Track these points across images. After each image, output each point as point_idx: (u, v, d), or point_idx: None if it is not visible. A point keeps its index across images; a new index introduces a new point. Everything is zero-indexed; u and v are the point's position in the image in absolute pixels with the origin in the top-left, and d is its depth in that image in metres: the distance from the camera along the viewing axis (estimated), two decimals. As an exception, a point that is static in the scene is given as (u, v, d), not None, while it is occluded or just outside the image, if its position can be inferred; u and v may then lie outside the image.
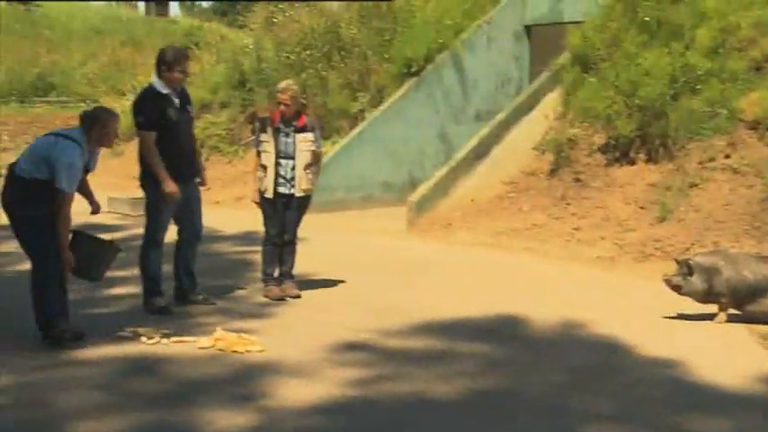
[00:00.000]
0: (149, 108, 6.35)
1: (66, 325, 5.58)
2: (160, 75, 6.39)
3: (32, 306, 5.59)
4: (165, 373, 5.04)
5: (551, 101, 11.43)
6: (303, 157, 6.84)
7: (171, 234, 6.67)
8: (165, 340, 5.61)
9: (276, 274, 7.08)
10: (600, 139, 10.42)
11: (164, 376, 4.98)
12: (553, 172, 10.50)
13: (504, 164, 11.11)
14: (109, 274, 7.72)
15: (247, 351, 5.43)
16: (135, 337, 5.66)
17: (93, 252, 5.79)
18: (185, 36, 27.03)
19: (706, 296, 6.34)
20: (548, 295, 7.23)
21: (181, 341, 5.61)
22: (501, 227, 9.89)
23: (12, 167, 5.64)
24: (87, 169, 5.74)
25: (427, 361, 5.35)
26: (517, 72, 13.88)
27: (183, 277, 6.70)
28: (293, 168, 6.83)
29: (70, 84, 25.65)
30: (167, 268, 6.74)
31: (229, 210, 12.17)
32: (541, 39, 13.62)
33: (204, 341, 5.57)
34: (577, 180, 10.18)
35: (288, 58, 14.64)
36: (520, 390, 4.87)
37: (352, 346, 5.61)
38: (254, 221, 7.37)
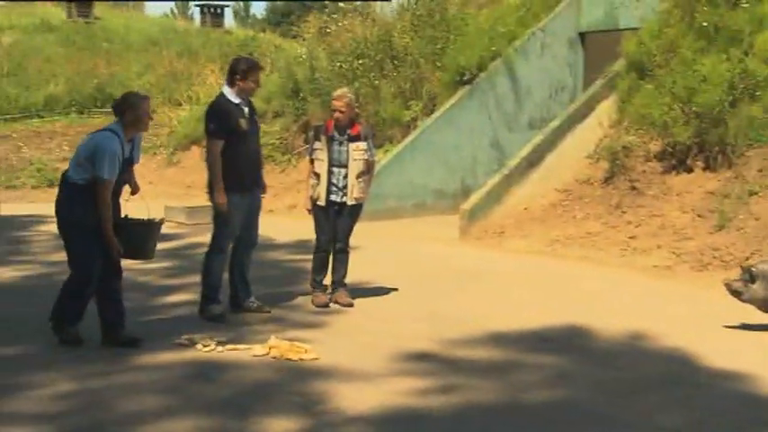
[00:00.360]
0: (221, 117, 6.41)
1: (75, 330, 5.71)
2: (232, 84, 6.46)
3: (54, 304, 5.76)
4: (220, 380, 5.08)
5: (606, 108, 11.30)
6: (356, 166, 6.85)
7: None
8: (219, 348, 5.66)
9: (325, 281, 7.11)
10: (656, 147, 10.26)
11: (219, 383, 5.02)
12: (608, 180, 10.38)
13: (558, 172, 11.01)
14: (165, 281, 7.88)
15: (301, 359, 5.46)
16: (191, 344, 5.73)
17: (141, 233, 5.89)
18: (240, 47, 27.32)
19: (767, 304, 6.20)
20: (605, 304, 7.13)
21: (235, 349, 5.66)
22: (555, 235, 9.80)
23: (63, 174, 5.79)
24: (132, 161, 5.83)
25: (482, 371, 5.31)
26: (571, 79, 13.77)
27: (239, 285, 6.75)
28: (345, 177, 6.85)
29: (128, 95, 26.10)
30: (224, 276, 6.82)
31: (283, 218, 12.25)
32: (596, 45, 13.49)
33: (258, 349, 5.61)
34: (633, 188, 10.03)
35: (341, 67, 14.72)
36: (579, 400, 4.80)
37: (406, 355, 5.59)
38: (307, 230, 7.41)
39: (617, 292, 7.66)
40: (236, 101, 6.45)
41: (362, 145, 6.90)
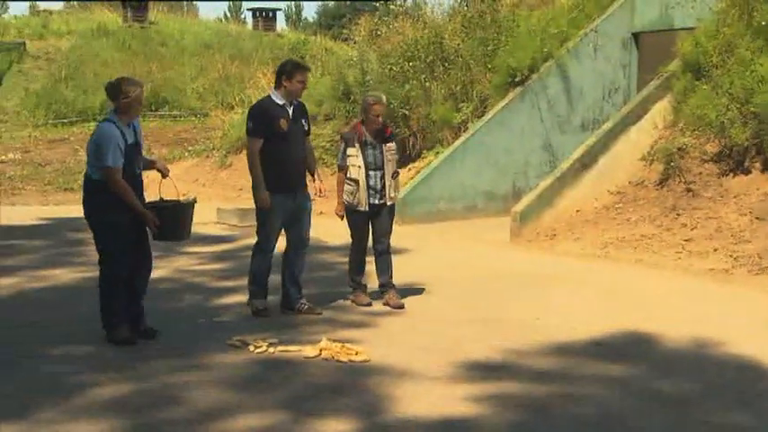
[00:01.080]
0: (260, 116, 6.54)
1: (128, 330, 5.81)
2: (279, 85, 6.57)
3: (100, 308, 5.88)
4: (271, 382, 5.12)
5: (661, 109, 11.13)
6: (390, 167, 6.99)
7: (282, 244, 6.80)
8: (271, 349, 5.70)
9: (363, 281, 7.19)
10: (712, 148, 10.08)
11: (270, 385, 5.06)
12: (663, 182, 10.22)
13: (611, 174, 10.88)
14: (218, 283, 7.97)
15: (351, 361, 5.47)
16: (243, 345, 5.78)
17: (174, 215, 6.02)
18: (291, 50, 27.55)
19: None
20: (660, 309, 7.01)
21: (287, 350, 5.69)
22: (608, 238, 9.67)
23: (84, 174, 5.98)
24: (140, 146, 5.96)
25: (536, 378, 5.25)
26: (625, 80, 13.61)
27: (289, 286, 6.82)
28: (382, 178, 6.95)
29: (182, 98, 26.51)
30: (276, 277, 6.88)
31: (333, 220, 12.29)
32: (650, 46, 13.31)
33: (309, 350, 5.63)
34: (688, 190, 9.86)
35: (391, 69, 14.73)
36: (636, 410, 4.71)
37: (457, 360, 5.56)
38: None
39: (673, 296, 7.53)
40: (281, 102, 6.56)
41: (393, 145, 7.06)
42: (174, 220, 5.98)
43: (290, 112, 6.59)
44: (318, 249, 9.39)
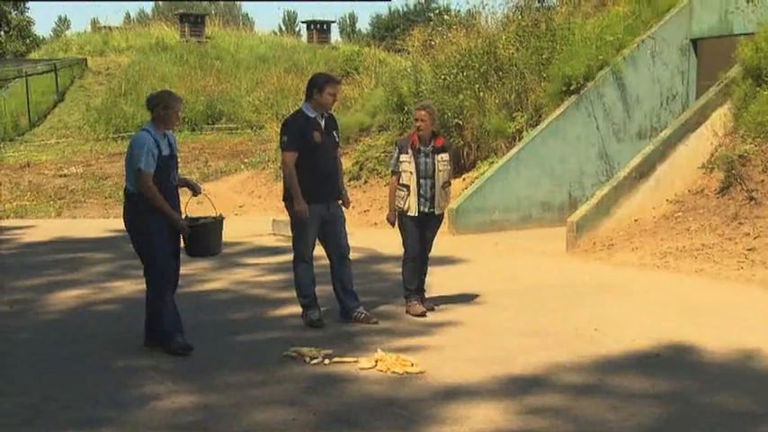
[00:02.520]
0: (294, 129, 6.63)
1: (182, 339, 5.95)
2: (310, 98, 6.66)
3: (146, 320, 6.05)
4: (327, 393, 5.13)
5: (720, 116, 10.93)
6: (441, 177, 7.03)
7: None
8: (327, 360, 5.72)
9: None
10: (775, 155, 9.85)
11: (327, 397, 5.07)
12: (723, 190, 10.02)
13: (670, 182, 10.70)
14: (274, 294, 8.03)
15: (406, 373, 5.46)
16: (298, 357, 5.81)
17: (206, 232, 6.17)
18: (345, 62, 27.75)
19: None
20: (722, 320, 6.84)
21: (342, 361, 5.71)
22: (667, 247, 9.50)
23: (124, 188, 6.10)
24: (175, 158, 6.06)
25: (590, 392, 5.18)
26: (683, 87, 13.40)
27: (342, 296, 6.89)
28: (432, 187, 7.00)
29: (237, 111, 26.88)
30: (327, 288, 6.92)
31: (387, 231, 12.32)
32: (709, 52, 13.08)
33: (365, 362, 5.64)
34: (750, 198, 9.65)
35: (445, 79, 14.72)
36: (707, 424, 4.61)
37: (512, 373, 5.51)
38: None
39: (735, 307, 7.36)
40: (312, 114, 6.65)
41: (445, 156, 7.09)
42: (206, 237, 6.16)
43: (322, 124, 6.67)
44: (372, 260, 9.42)
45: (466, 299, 7.71)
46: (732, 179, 9.96)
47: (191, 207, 6.25)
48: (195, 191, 6.25)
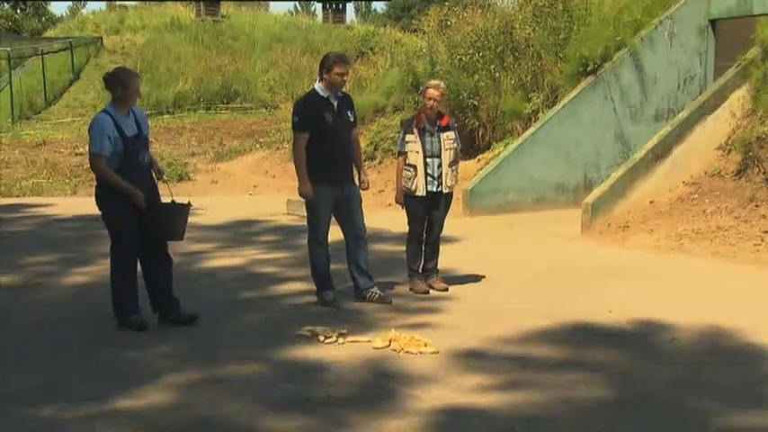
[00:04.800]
0: (305, 110, 6.61)
1: (139, 318, 6.04)
2: (321, 78, 6.63)
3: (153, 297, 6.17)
4: (340, 373, 5.14)
5: (739, 98, 10.83)
6: (447, 155, 7.04)
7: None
8: (341, 340, 5.73)
9: (420, 269, 7.29)
10: (793, 138, 9.76)
11: (339, 376, 5.08)
12: (740, 172, 9.94)
13: (686, 164, 10.63)
14: (289, 274, 8.05)
15: (420, 353, 5.46)
16: (312, 336, 5.82)
17: (171, 215, 6.12)
18: (361, 42, 27.65)
19: None
20: (740, 303, 6.79)
21: (356, 341, 5.72)
22: (683, 230, 9.45)
23: None
24: (142, 138, 6.03)
25: (607, 372, 5.17)
26: (701, 69, 13.27)
27: (356, 276, 6.89)
28: (439, 166, 7.01)
29: (252, 91, 26.85)
30: (342, 267, 6.94)
31: (402, 212, 12.30)
32: (727, 33, 12.93)
33: (379, 341, 5.64)
34: (768, 181, 9.58)
35: (461, 60, 14.64)
36: (721, 404, 4.61)
37: (527, 351, 5.51)
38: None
39: (751, 290, 7.31)
40: (325, 95, 6.61)
41: (452, 134, 7.11)
42: (172, 220, 6.10)
43: (335, 105, 6.63)
44: (384, 239, 9.42)
45: (479, 280, 7.70)
46: (749, 161, 9.88)
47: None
48: (159, 175, 6.22)
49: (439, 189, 7.06)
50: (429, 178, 7.00)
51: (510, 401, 4.59)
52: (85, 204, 13.37)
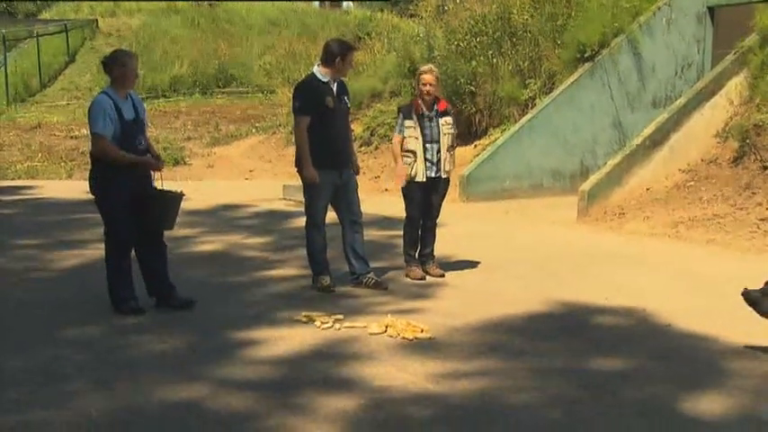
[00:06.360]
0: (307, 94, 6.58)
1: (135, 303, 6.03)
2: (325, 64, 6.60)
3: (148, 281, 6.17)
4: (336, 358, 5.14)
5: (736, 85, 10.81)
6: (446, 140, 7.04)
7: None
8: (337, 325, 5.72)
9: (417, 255, 7.30)
10: (790, 125, 9.75)
11: (337, 361, 5.08)
12: (737, 160, 9.94)
13: (683, 151, 10.62)
14: (286, 259, 8.05)
15: (416, 338, 5.46)
16: (309, 321, 5.81)
17: (164, 204, 6.08)
18: (357, 26, 27.51)
19: None
20: (735, 291, 6.79)
21: (352, 327, 5.71)
22: (679, 217, 9.45)
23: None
24: (139, 122, 5.99)
25: (600, 354, 5.18)
26: (699, 56, 13.25)
27: (353, 261, 6.89)
28: (438, 151, 7.01)
29: (249, 75, 26.72)
30: (338, 252, 6.91)
31: (398, 197, 12.30)
32: (726, 20, 12.91)
33: (375, 327, 5.64)
34: (764, 168, 9.57)
35: (458, 45, 14.59)
36: (716, 390, 4.61)
37: (523, 336, 5.52)
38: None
39: (746, 277, 7.28)
40: (325, 79, 6.59)
41: (449, 119, 7.12)
42: (165, 210, 6.06)
43: (335, 89, 6.62)
44: (381, 225, 9.41)
45: (475, 266, 7.70)
46: (746, 148, 9.88)
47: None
48: (157, 161, 6.14)
49: (437, 174, 7.05)
50: (428, 164, 7.00)
51: (485, 387, 4.59)
52: (80, 187, 13.36)
